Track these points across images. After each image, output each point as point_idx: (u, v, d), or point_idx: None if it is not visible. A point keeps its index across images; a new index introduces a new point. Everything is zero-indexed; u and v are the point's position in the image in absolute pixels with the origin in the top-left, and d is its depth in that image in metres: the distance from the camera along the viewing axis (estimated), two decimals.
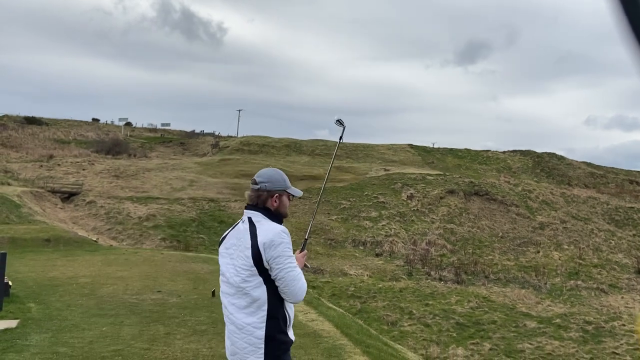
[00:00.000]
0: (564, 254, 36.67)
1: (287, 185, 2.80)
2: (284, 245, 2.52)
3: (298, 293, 2.50)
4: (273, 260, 2.47)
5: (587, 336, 21.56)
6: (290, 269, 2.48)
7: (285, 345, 2.55)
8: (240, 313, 2.52)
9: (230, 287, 2.59)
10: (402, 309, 23.87)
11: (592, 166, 63.21)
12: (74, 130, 69.99)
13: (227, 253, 2.67)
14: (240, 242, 2.59)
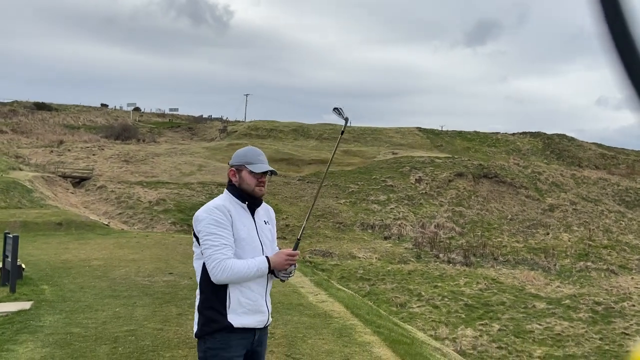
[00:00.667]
0: (573, 235, 36.51)
1: (247, 160, 2.69)
2: (206, 221, 2.51)
3: (213, 273, 2.47)
4: (198, 235, 2.55)
5: (596, 317, 21.56)
6: (206, 247, 2.48)
7: (216, 325, 2.51)
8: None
9: None
10: (411, 291, 23.97)
11: (602, 147, 62.55)
12: (83, 115, 70.27)
13: None
14: None
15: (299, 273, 10.88)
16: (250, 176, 2.68)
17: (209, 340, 2.53)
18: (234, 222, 2.58)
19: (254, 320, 2.58)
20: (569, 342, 19.12)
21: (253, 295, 2.57)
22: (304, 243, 32.04)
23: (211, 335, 2.53)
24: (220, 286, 2.52)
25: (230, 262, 2.47)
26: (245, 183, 2.68)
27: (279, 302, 7.67)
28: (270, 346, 5.52)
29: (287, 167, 45.45)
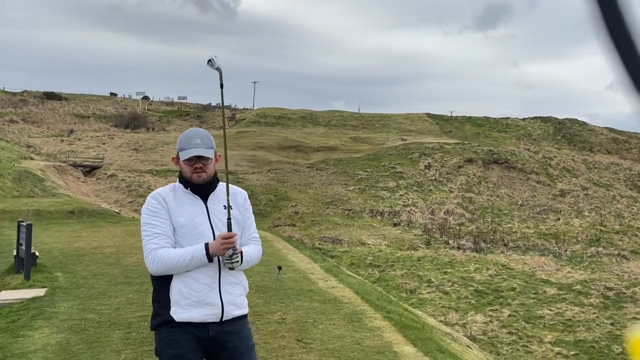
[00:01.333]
0: (584, 221, 36.26)
1: (179, 146, 2.52)
2: (143, 212, 2.48)
3: (146, 264, 2.42)
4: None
5: (607, 302, 21.48)
6: (142, 238, 2.42)
7: (160, 318, 2.41)
8: None
9: None
10: (421, 277, 24.01)
11: (614, 132, 61.77)
12: (93, 104, 70.56)
13: None
14: None
15: (309, 260, 10.92)
16: (184, 163, 2.50)
17: (156, 335, 2.44)
18: (170, 210, 2.44)
19: (200, 313, 2.37)
20: (580, 328, 19.09)
21: (197, 286, 2.38)
22: (313, 230, 32.15)
23: (158, 329, 2.42)
24: (163, 278, 2.40)
25: (160, 251, 2.34)
26: (183, 170, 2.53)
27: (289, 288, 7.71)
28: (282, 331, 5.57)
29: (295, 154, 45.44)
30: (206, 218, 2.48)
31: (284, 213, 34.57)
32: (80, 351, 4.87)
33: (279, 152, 45.77)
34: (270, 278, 8.28)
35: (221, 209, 2.51)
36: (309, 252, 13.04)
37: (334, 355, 4.88)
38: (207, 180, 2.53)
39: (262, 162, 42.54)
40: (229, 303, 2.43)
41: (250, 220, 2.67)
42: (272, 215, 34.22)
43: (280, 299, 6.97)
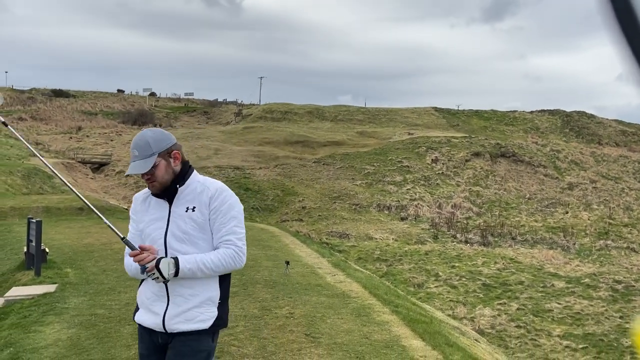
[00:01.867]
0: (593, 214, 36.03)
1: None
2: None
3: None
4: None
5: (616, 295, 21.38)
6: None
7: (133, 315, 2.53)
8: None
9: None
10: (428, 272, 23.99)
11: (623, 124, 61.22)
12: (100, 101, 70.87)
13: None
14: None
15: (316, 254, 10.94)
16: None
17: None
18: (136, 214, 2.49)
19: (147, 319, 2.39)
20: (589, 321, 19.02)
21: (149, 293, 2.40)
22: (320, 225, 32.18)
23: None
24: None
25: (126, 256, 2.40)
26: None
27: (297, 282, 7.74)
28: (290, 326, 5.60)
29: (302, 149, 45.44)
30: (165, 223, 2.39)
31: (291, 208, 34.63)
32: (91, 346, 4.92)
33: (285, 147, 45.79)
34: (278, 273, 8.31)
35: (183, 212, 2.38)
36: (316, 246, 13.07)
37: (342, 349, 4.90)
38: (161, 188, 2.39)
39: (269, 157, 42.59)
40: (174, 315, 2.31)
41: (221, 220, 2.37)
42: (279, 211, 34.29)
43: (288, 294, 7.00)
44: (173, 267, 2.24)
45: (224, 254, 2.31)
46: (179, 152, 2.46)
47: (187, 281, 2.30)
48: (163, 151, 2.38)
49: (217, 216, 2.36)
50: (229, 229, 2.35)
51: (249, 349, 4.89)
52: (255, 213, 32.85)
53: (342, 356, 4.72)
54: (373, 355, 4.75)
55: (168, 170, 2.39)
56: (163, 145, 2.38)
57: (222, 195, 2.42)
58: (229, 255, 2.32)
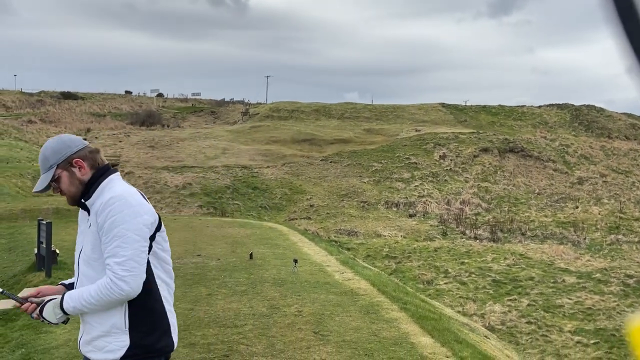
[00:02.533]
0: (603, 208, 35.73)
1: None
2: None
3: None
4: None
5: (628, 290, 21.19)
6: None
7: None
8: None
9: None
10: (438, 268, 23.92)
11: (633, 117, 60.60)
12: (109, 103, 71.33)
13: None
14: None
15: (325, 252, 10.94)
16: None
17: None
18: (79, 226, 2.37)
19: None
20: (600, 316, 18.87)
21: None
22: (328, 223, 32.19)
23: None
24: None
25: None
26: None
27: (305, 280, 7.75)
28: (298, 324, 5.61)
29: (309, 148, 45.46)
30: (82, 239, 2.24)
31: (299, 206, 34.66)
32: None
33: (292, 145, 45.82)
34: (287, 271, 8.33)
35: (86, 229, 2.19)
36: (324, 244, 13.08)
37: (351, 346, 4.90)
38: (74, 200, 2.23)
39: (277, 156, 42.64)
40: (86, 343, 2.18)
41: (104, 240, 2.08)
42: (287, 209, 34.34)
43: (296, 292, 7.02)
44: (59, 310, 2.09)
45: (100, 285, 2.05)
46: (82, 159, 2.23)
47: (88, 315, 2.15)
48: (62, 162, 2.18)
49: (102, 235, 2.09)
50: (109, 251, 2.06)
51: (258, 347, 4.91)
52: (263, 212, 32.93)
53: (350, 354, 4.72)
54: (382, 352, 4.74)
55: (73, 182, 2.18)
56: (61, 156, 2.18)
57: (108, 209, 2.09)
58: (104, 285, 2.04)
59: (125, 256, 2.04)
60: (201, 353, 4.77)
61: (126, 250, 2.04)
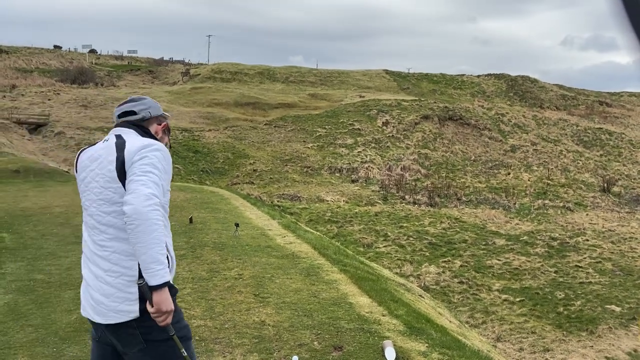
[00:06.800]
0: (533, 175, 37.76)
1: (162, 113, 2.58)
2: (161, 159, 2.35)
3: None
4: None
5: (552, 251, 22.71)
6: (155, 185, 2.25)
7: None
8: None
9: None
10: (378, 232, 24.58)
11: (563, 88, 63.77)
12: (36, 58, 66.57)
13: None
14: None
15: (267, 217, 10.92)
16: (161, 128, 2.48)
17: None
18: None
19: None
20: (526, 276, 20.18)
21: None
22: (272, 188, 32.13)
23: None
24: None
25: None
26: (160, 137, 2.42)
27: (247, 244, 7.71)
28: (238, 287, 5.59)
29: (252, 112, 44.74)
30: None
31: (242, 171, 34.29)
32: (30, 312, 4.74)
33: (235, 109, 44.89)
34: (227, 235, 8.25)
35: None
36: (267, 209, 13.03)
37: (291, 308, 4.95)
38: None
39: (219, 119, 41.67)
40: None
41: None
42: (229, 174, 33.89)
43: (237, 256, 6.97)
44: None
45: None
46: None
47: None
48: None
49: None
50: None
51: (197, 310, 4.86)
52: (204, 176, 32.33)
53: (290, 314, 4.77)
54: (321, 312, 4.82)
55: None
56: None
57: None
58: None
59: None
60: None
61: None
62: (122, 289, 2.01)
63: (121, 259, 2.02)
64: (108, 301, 2.01)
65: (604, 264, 21.29)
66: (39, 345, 4.05)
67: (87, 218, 2.15)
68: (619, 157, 43.47)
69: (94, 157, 2.16)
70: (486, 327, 16.29)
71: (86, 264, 2.13)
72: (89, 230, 2.14)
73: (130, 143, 2.11)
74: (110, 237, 2.04)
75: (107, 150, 2.13)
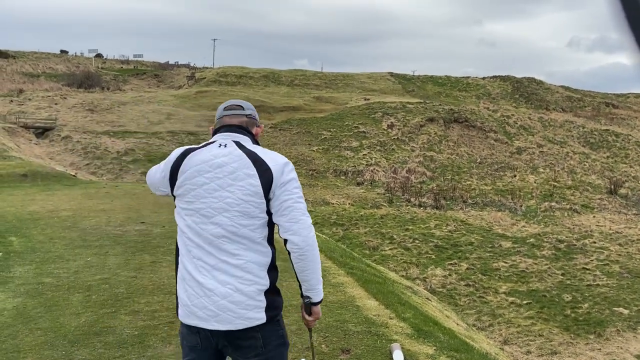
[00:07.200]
0: (539, 177, 37.61)
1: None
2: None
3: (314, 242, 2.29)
4: (292, 184, 2.29)
5: (559, 254, 22.59)
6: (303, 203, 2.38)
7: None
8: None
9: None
10: (383, 235, 24.54)
11: (569, 90, 63.55)
12: (42, 63, 67.07)
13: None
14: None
15: None
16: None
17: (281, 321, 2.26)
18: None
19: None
20: (533, 278, 20.08)
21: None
22: None
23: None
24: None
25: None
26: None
27: None
28: None
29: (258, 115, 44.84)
30: None
31: None
32: (39, 315, 4.76)
33: None
34: None
35: None
36: None
37: (297, 311, 4.95)
38: None
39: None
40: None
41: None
42: None
43: None
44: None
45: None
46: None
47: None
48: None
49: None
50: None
51: None
52: None
53: (297, 317, 4.76)
54: (328, 315, 4.82)
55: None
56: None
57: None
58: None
59: None
60: (145, 320, 4.67)
61: None
62: (253, 297, 2.05)
63: (254, 268, 2.07)
64: (237, 308, 2.04)
65: (611, 267, 21.16)
66: (48, 348, 4.07)
67: (210, 226, 2.08)
68: (625, 159, 43.23)
69: (215, 163, 2.10)
70: (493, 330, 16.21)
71: (208, 273, 2.07)
72: (209, 238, 2.08)
73: (267, 157, 2.16)
74: (245, 247, 2.06)
75: (236, 160, 2.10)
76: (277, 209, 2.08)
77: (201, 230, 2.08)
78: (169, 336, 4.34)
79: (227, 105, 2.33)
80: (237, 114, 2.28)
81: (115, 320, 4.65)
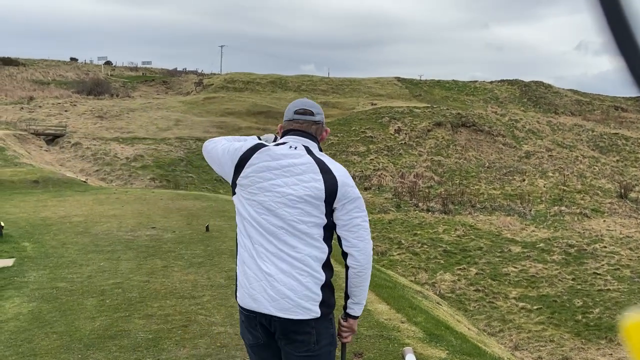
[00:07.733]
0: (548, 181, 37.38)
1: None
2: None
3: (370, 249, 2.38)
4: (357, 201, 2.30)
5: (569, 258, 22.43)
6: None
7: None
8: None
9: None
10: (391, 240, 24.50)
11: (578, 94, 63.22)
12: (53, 70, 67.75)
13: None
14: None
15: None
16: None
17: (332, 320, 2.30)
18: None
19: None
20: (543, 283, 19.94)
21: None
22: None
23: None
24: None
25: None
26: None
27: None
28: None
29: (265, 120, 44.98)
30: None
31: None
32: (54, 319, 4.82)
33: (248, 118, 45.20)
34: None
35: None
36: None
37: None
38: None
39: (232, 128, 41.97)
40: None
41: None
42: None
43: None
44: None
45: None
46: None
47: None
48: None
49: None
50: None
51: (217, 317, 4.90)
52: (219, 185, 32.53)
53: None
54: None
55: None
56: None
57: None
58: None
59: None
60: (159, 324, 4.72)
61: None
62: (309, 288, 2.12)
63: (312, 262, 2.14)
64: (295, 297, 2.09)
65: (622, 271, 20.97)
66: (63, 352, 4.12)
67: (271, 217, 2.14)
68: (635, 163, 42.89)
69: (285, 162, 2.17)
70: (503, 336, 16.11)
71: (268, 259, 2.14)
72: (270, 228, 2.14)
73: (333, 166, 2.19)
74: (304, 242, 2.14)
75: (305, 163, 2.16)
76: (346, 223, 2.17)
77: (263, 220, 2.15)
78: (182, 339, 4.38)
79: (298, 108, 2.32)
80: (307, 120, 2.30)
81: (129, 324, 4.70)
